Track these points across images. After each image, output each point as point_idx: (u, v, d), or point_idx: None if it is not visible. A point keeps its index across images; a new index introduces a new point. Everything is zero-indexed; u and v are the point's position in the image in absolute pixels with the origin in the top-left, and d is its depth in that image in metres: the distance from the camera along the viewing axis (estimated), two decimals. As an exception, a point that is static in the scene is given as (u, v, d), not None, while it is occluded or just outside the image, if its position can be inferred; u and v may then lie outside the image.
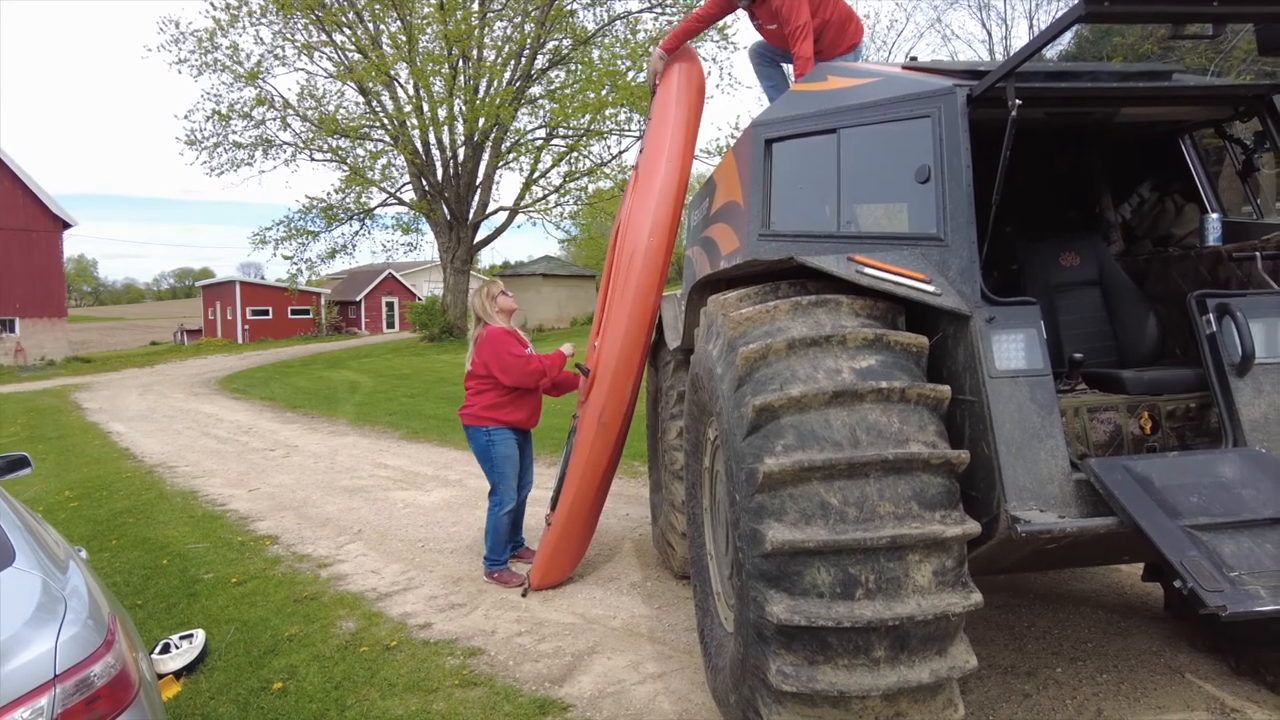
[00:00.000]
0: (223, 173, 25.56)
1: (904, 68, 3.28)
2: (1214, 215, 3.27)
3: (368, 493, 7.41)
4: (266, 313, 40.73)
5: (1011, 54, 2.50)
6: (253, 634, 4.19)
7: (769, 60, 4.73)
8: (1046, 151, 3.89)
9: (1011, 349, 2.34)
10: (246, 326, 39.93)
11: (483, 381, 4.70)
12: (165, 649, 3.83)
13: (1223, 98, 2.94)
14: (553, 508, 4.69)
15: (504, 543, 4.82)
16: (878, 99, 2.90)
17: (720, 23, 25.36)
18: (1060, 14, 2.24)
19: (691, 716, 3.13)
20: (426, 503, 6.94)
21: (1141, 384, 2.81)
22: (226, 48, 23.97)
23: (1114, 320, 3.46)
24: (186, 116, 26.26)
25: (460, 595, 4.60)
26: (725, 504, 2.72)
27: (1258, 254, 2.86)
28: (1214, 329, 2.51)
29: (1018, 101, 2.37)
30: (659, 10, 25.98)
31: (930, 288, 2.41)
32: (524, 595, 4.52)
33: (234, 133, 25.16)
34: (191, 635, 3.99)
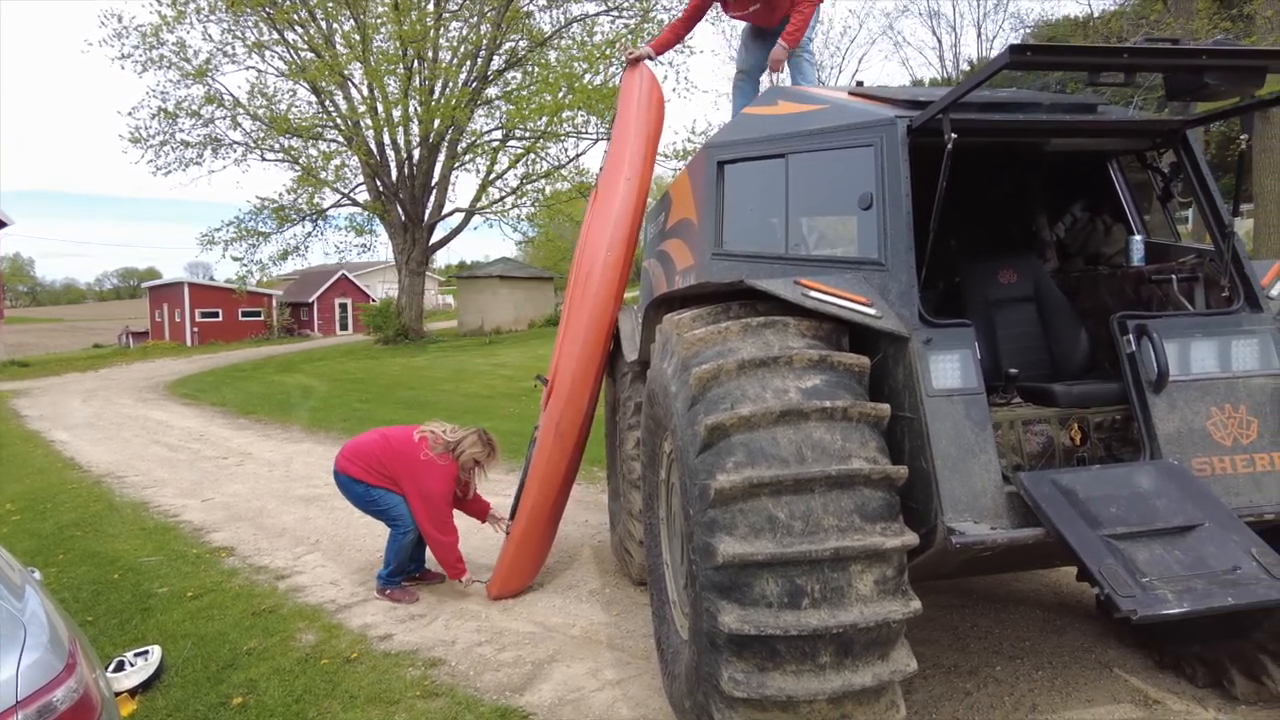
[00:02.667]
0: (170, 172, 24.99)
1: (850, 93, 3.42)
2: (1137, 237, 3.48)
3: (324, 501, 7.35)
4: (216, 315, 39.75)
5: (952, 86, 2.66)
6: (210, 649, 4.16)
7: (751, 89, 4.95)
8: (987, 172, 4.08)
9: (947, 369, 2.49)
10: (195, 329, 38.92)
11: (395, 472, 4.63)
12: (119, 666, 3.80)
13: (1142, 131, 3.14)
14: (512, 516, 4.74)
15: (407, 565, 4.83)
16: (824, 126, 3.04)
17: (677, 26, 25.55)
18: (994, 56, 2.39)
19: (649, 721, 3.23)
20: (384, 511, 6.91)
21: (1071, 397, 2.99)
22: (173, 44, 23.44)
23: (1048, 335, 3.65)
24: (131, 113, 25.63)
25: (420, 606, 4.63)
26: (680, 517, 2.82)
27: (1174, 276, 3.07)
28: (1133, 348, 2.69)
29: (953, 135, 2.52)
30: (616, 13, 26.12)
31: (871, 310, 2.55)
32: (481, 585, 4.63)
33: (181, 131, 24.62)
34: (146, 652, 3.96)
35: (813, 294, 2.59)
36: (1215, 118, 3.08)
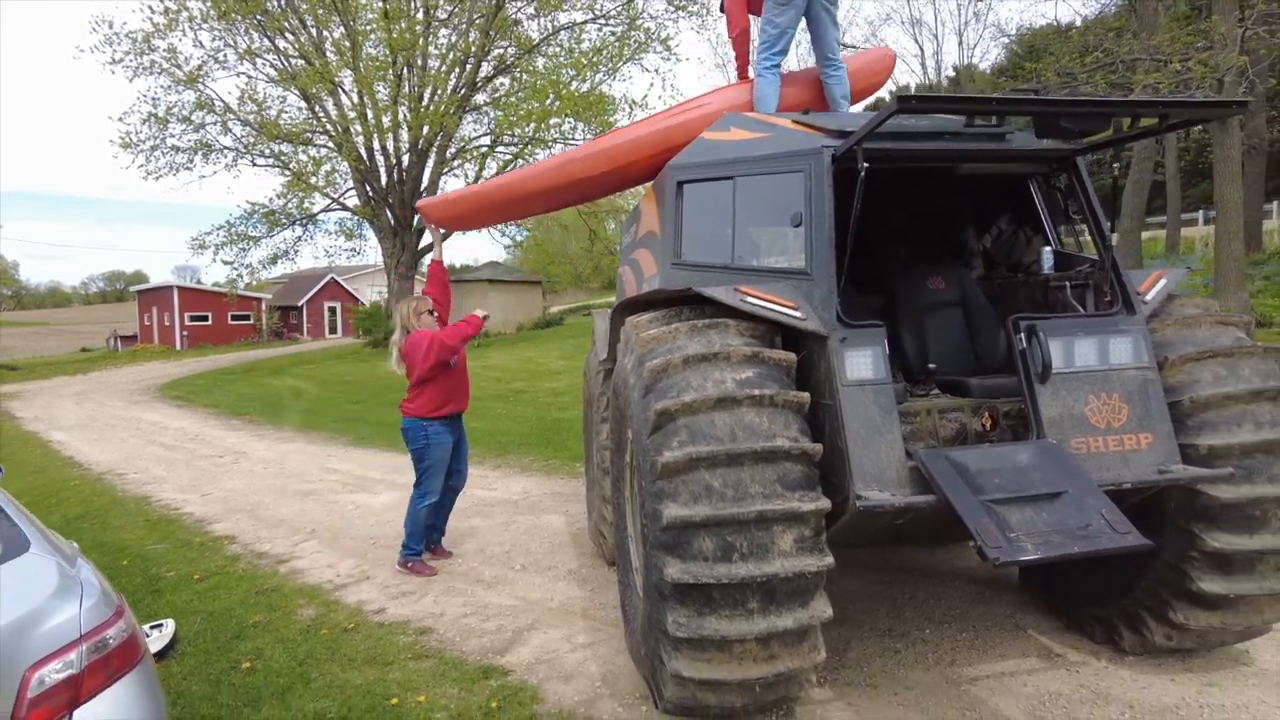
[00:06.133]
0: (160, 176, 25.22)
1: (794, 120, 3.87)
2: (1047, 248, 3.94)
3: (318, 496, 7.75)
4: (206, 318, 39.95)
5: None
6: (219, 623, 4.56)
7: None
8: (923, 189, 4.53)
9: (860, 363, 2.93)
10: (185, 332, 39.10)
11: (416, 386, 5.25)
12: (138, 637, 4.19)
13: (1040, 158, 3.59)
14: None
15: (421, 533, 5.33)
16: (765, 154, 3.49)
17: (664, 35, 26.11)
18: (883, 108, 2.81)
19: (614, 676, 3.65)
20: (376, 504, 7.31)
21: (983, 389, 3.45)
22: (164, 50, 23.71)
23: (972, 335, 4.12)
24: (122, 119, 25.81)
25: (411, 585, 5.05)
26: (637, 491, 3.26)
27: (1068, 283, 3.53)
28: (1024, 345, 3.15)
29: (866, 164, 2.96)
30: (603, 21, 26.59)
31: (797, 314, 2.99)
32: (417, 209, 5.67)
33: (172, 136, 24.88)
34: (161, 625, 4.36)
35: (749, 299, 3.03)
36: (1101, 146, 3.55)
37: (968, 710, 3.25)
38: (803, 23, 4.73)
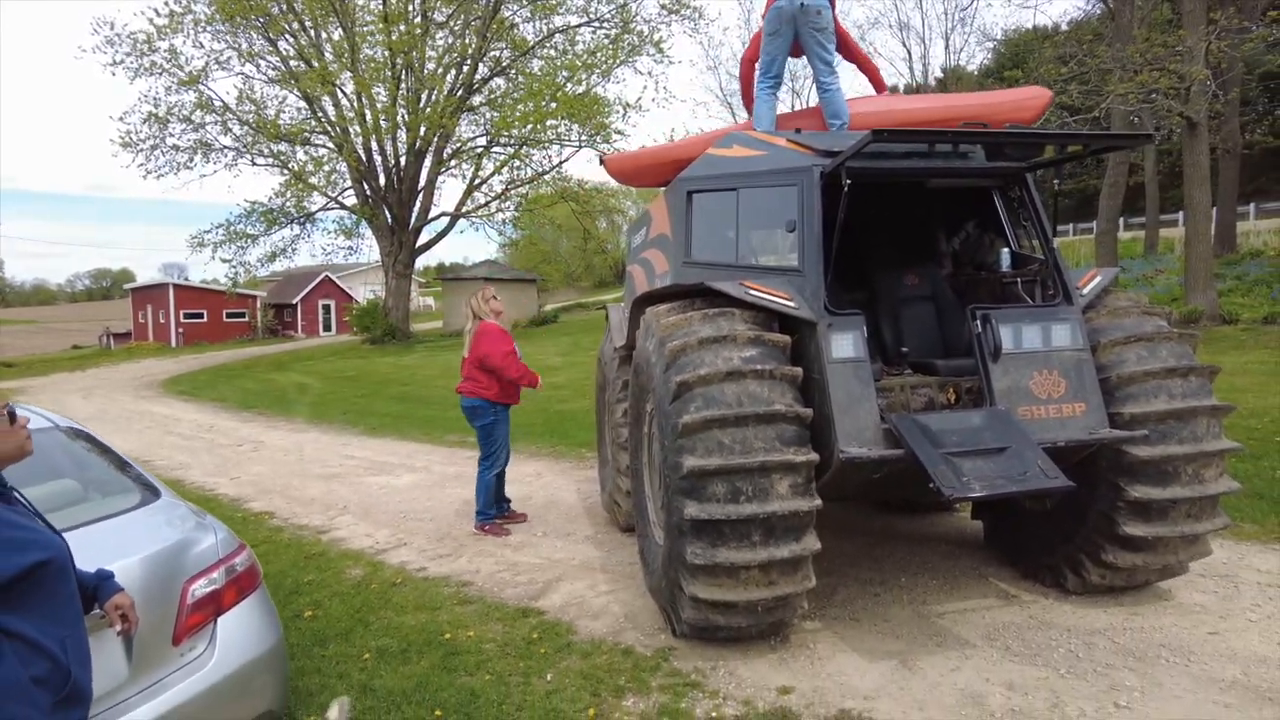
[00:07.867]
0: (161, 175, 25.69)
1: (788, 140, 4.49)
2: (1006, 250, 4.58)
3: (343, 478, 8.31)
4: (201, 315, 40.27)
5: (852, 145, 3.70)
6: (276, 581, 5.12)
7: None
8: (902, 199, 5.15)
9: (843, 344, 3.55)
10: (180, 330, 39.41)
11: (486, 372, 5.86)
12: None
13: (995, 174, 4.23)
14: None
15: (493, 499, 5.97)
16: (764, 169, 4.11)
17: (657, 38, 26.73)
18: (857, 143, 3.41)
19: (635, 614, 4.27)
20: (399, 485, 7.89)
21: (949, 369, 4.08)
22: (165, 51, 24.15)
23: (941, 324, 4.75)
24: (122, 118, 26.23)
25: (446, 548, 5.64)
26: (658, 452, 3.87)
27: (1019, 279, 4.18)
28: (979, 331, 3.78)
29: (848, 182, 3.59)
30: (596, 24, 27.19)
31: (792, 304, 3.61)
32: (601, 160, 6.22)
33: (172, 136, 25.33)
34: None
35: (751, 292, 3.65)
36: (1044, 165, 4.19)
37: (935, 636, 3.88)
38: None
